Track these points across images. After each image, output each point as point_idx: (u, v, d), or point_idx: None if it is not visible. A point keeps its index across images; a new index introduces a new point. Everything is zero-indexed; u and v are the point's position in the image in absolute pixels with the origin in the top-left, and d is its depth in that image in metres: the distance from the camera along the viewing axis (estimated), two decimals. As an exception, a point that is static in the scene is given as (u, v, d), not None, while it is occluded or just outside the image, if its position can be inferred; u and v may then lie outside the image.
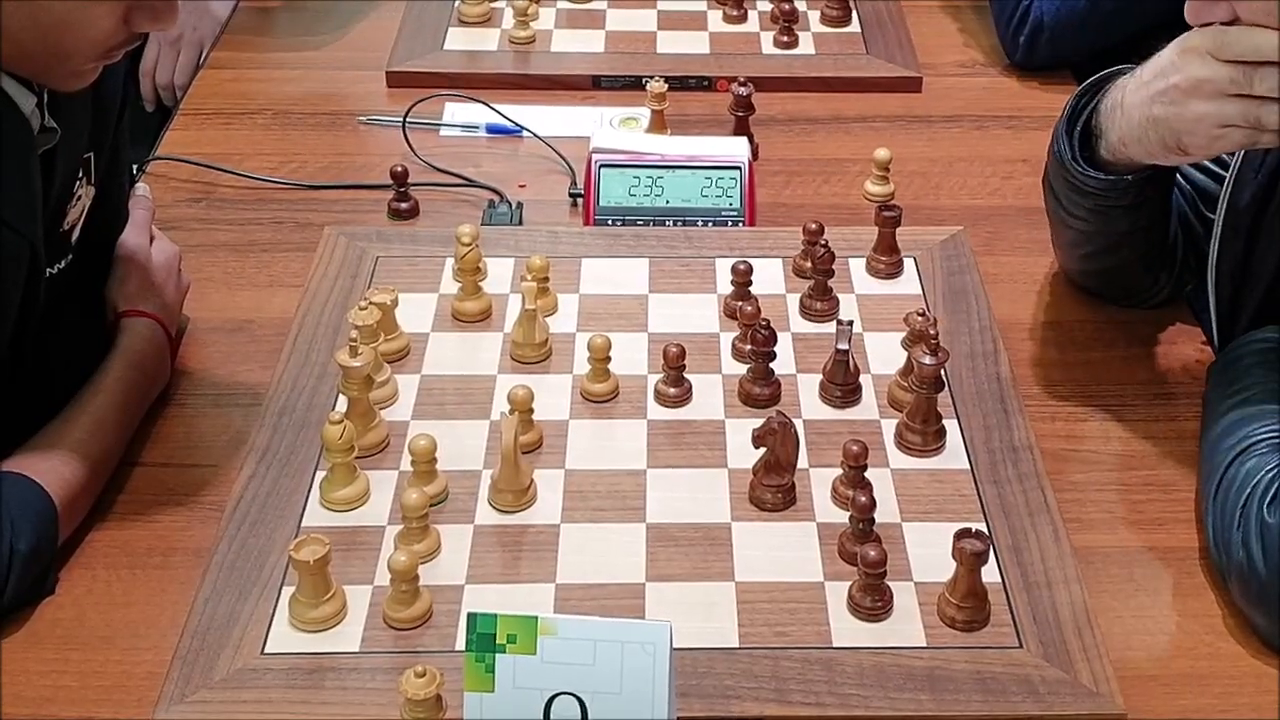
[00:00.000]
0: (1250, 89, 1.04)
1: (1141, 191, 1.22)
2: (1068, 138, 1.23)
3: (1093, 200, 1.24)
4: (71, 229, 1.20)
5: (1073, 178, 1.23)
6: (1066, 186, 1.26)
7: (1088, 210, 1.26)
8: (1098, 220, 1.27)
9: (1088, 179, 1.22)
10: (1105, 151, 1.20)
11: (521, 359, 1.29)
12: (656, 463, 1.18)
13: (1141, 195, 1.23)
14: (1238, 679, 1.04)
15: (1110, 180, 1.21)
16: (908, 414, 1.20)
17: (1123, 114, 1.15)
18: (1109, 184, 1.21)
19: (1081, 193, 1.24)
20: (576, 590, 1.07)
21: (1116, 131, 1.17)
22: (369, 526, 1.11)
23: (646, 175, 1.48)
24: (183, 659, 1.01)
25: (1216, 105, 1.06)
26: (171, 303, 1.30)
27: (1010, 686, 1.00)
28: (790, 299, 1.37)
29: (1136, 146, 1.15)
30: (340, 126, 1.70)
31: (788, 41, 1.82)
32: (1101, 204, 1.24)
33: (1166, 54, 1.10)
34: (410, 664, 0.95)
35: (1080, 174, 1.22)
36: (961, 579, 1.04)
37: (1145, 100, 1.12)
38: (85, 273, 1.26)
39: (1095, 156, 1.22)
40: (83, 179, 1.20)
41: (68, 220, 1.19)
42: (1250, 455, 1.09)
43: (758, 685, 1.00)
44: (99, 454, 1.14)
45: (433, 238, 1.45)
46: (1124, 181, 1.21)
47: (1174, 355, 1.35)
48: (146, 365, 1.23)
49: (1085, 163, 1.22)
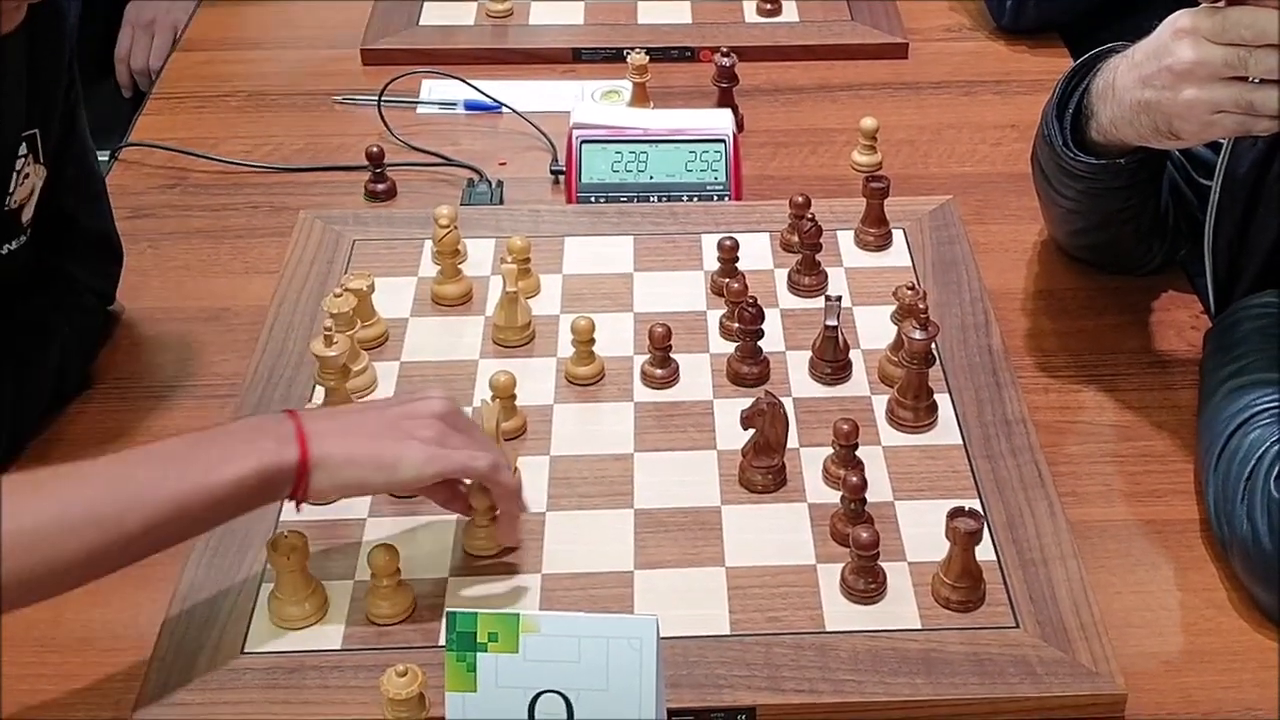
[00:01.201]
0: (1245, 71, 1.00)
1: (1135, 173, 1.19)
2: (1058, 122, 1.20)
3: (1084, 183, 1.21)
4: (20, 208, 1.18)
5: (1063, 161, 1.21)
6: (1057, 169, 1.23)
7: (1078, 192, 1.23)
8: (1089, 201, 1.24)
9: (1078, 163, 1.19)
10: (1096, 133, 1.17)
11: (504, 343, 1.26)
12: (644, 446, 1.16)
13: (1134, 177, 1.20)
14: (1240, 654, 1.02)
15: (1101, 164, 1.18)
16: (898, 390, 1.18)
17: (1114, 96, 1.12)
18: (1100, 168, 1.19)
19: (1072, 175, 1.21)
20: (564, 580, 1.04)
21: (1107, 114, 1.13)
22: (349, 519, 1.09)
23: (630, 150, 1.45)
24: (160, 660, 0.98)
25: (1209, 90, 1.02)
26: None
27: (1007, 668, 0.98)
28: (778, 274, 1.34)
29: (1128, 129, 1.12)
30: (315, 107, 1.66)
31: (771, 9, 1.79)
32: (1094, 186, 1.21)
33: (1159, 35, 1.07)
34: (394, 661, 0.93)
35: (1071, 159, 1.19)
36: (955, 559, 1.02)
37: (1137, 83, 1.08)
38: (44, 256, 1.22)
39: (1085, 138, 1.18)
40: (27, 156, 1.17)
41: (14, 198, 1.16)
42: (1253, 426, 1.07)
43: (750, 673, 0.98)
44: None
45: (410, 219, 1.42)
46: (1116, 165, 1.18)
47: (1168, 322, 1.32)
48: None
49: (1076, 146, 1.19)
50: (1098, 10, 1.74)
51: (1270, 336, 1.13)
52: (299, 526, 1.03)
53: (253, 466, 0.92)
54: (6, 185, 1.15)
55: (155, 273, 1.40)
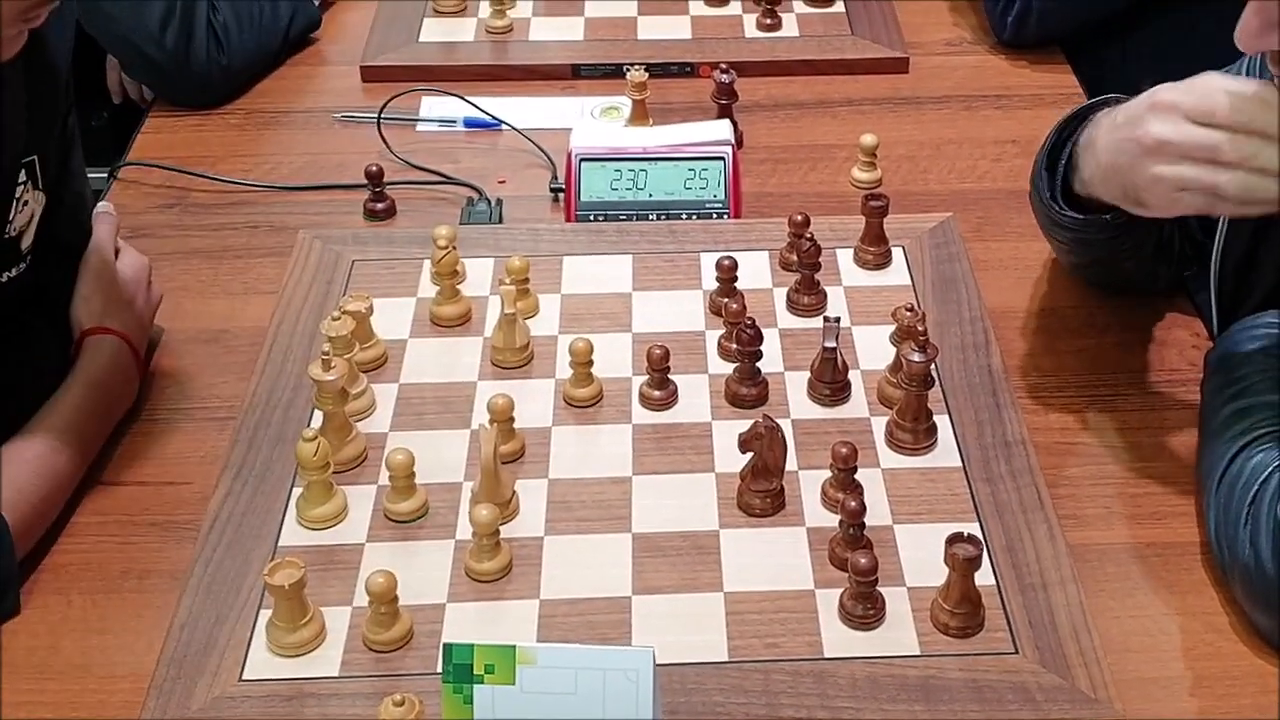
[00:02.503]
0: (1216, 155, 0.99)
1: (1119, 229, 1.18)
2: (1048, 174, 1.19)
3: (1073, 234, 1.21)
4: (20, 235, 1.18)
5: (1051, 213, 1.20)
6: (1047, 220, 1.23)
7: (1070, 238, 1.23)
8: (1082, 247, 1.25)
9: (1064, 217, 1.19)
10: (1079, 186, 1.16)
11: (502, 364, 1.26)
12: (642, 469, 1.16)
13: (1121, 229, 1.18)
14: (1239, 679, 1.02)
15: (1086, 220, 1.18)
16: (897, 412, 1.18)
17: (1093, 154, 1.11)
18: (1085, 223, 1.18)
19: (1061, 226, 1.21)
20: (561, 606, 1.04)
21: (1088, 169, 1.13)
22: (347, 545, 1.09)
23: (628, 169, 1.45)
24: (159, 688, 0.98)
25: (1174, 169, 1.02)
26: (140, 318, 1.27)
27: (1006, 694, 0.98)
28: (777, 293, 1.34)
29: (1102, 188, 1.11)
30: (315, 124, 1.66)
31: (771, 24, 1.79)
32: (1081, 237, 1.21)
33: (1139, 103, 1.06)
34: (391, 688, 0.93)
35: (1058, 212, 1.19)
36: (954, 585, 1.01)
37: (1112, 145, 1.08)
38: (45, 283, 1.23)
39: (1072, 188, 1.18)
40: (26, 183, 1.17)
41: (14, 226, 1.17)
42: (1255, 450, 1.06)
43: (748, 700, 0.98)
44: (53, 477, 1.11)
45: (410, 239, 1.42)
46: (1099, 221, 1.17)
47: (1169, 342, 1.32)
48: (109, 386, 1.20)
49: (1063, 197, 1.18)
50: (1098, 25, 1.74)
51: (1271, 358, 1.13)
52: (296, 553, 1.03)
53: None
54: (6, 212, 1.16)
55: (155, 293, 1.40)
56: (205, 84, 1.67)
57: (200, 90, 1.68)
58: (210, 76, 1.66)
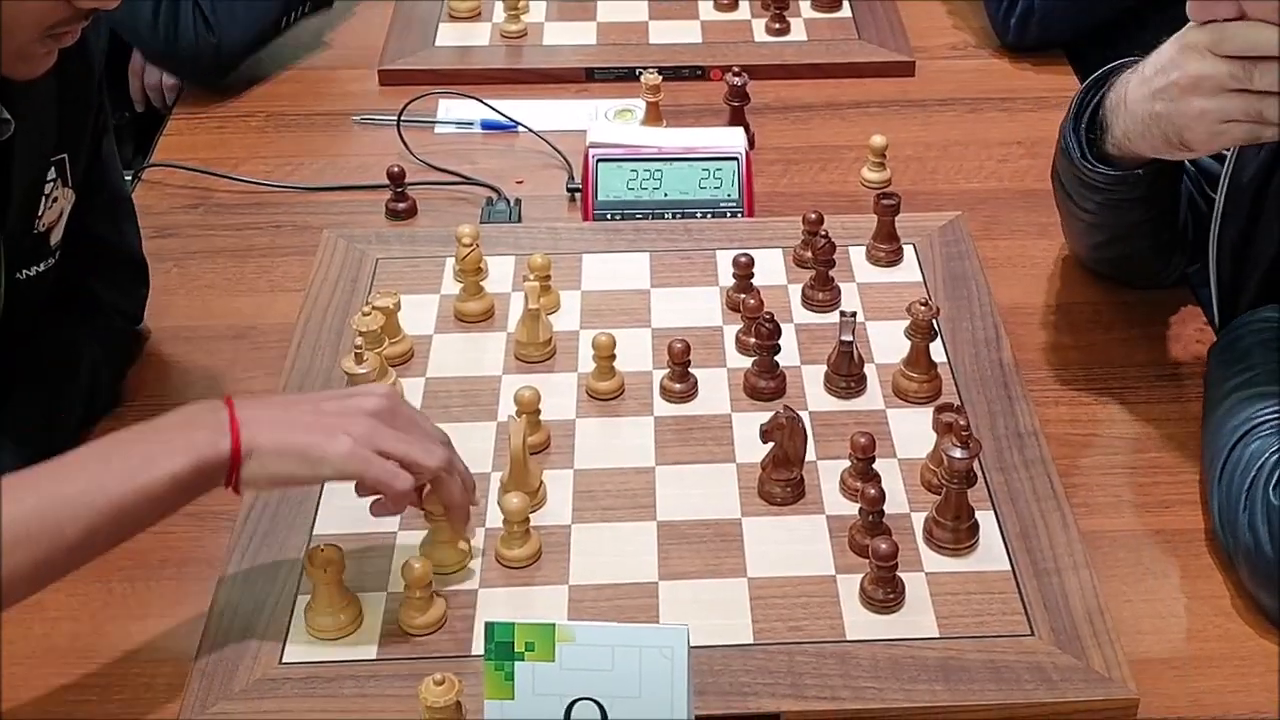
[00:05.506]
0: (1250, 84, 1.04)
1: (1152, 184, 1.22)
2: (1075, 135, 1.23)
3: (1103, 195, 1.24)
4: (49, 231, 1.20)
5: (1082, 174, 1.24)
6: (1076, 182, 1.26)
7: (1098, 204, 1.26)
8: (1108, 213, 1.27)
9: (1096, 174, 1.22)
10: (1111, 146, 1.20)
11: (526, 358, 1.29)
12: (665, 459, 1.19)
13: (1152, 188, 1.23)
14: (1248, 659, 1.05)
15: (1119, 175, 1.21)
16: (937, 509, 1.10)
17: (1126, 110, 1.15)
18: (1118, 178, 1.21)
19: (1091, 188, 1.24)
20: (590, 591, 1.07)
21: (1120, 127, 1.17)
22: (381, 532, 1.12)
23: (644, 168, 1.48)
24: (202, 671, 1.01)
25: (1217, 101, 1.05)
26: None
27: (1023, 675, 1.01)
28: (792, 289, 1.38)
29: (1140, 141, 1.15)
30: (335, 127, 1.69)
31: (779, 29, 1.82)
32: (1112, 198, 1.24)
33: (1166, 50, 1.10)
34: (427, 670, 0.96)
35: (1090, 170, 1.22)
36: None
37: (1147, 96, 1.11)
38: (74, 279, 1.25)
39: (1102, 152, 1.22)
40: (56, 180, 1.19)
41: (43, 222, 1.19)
42: (1254, 437, 1.10)
43: (773, 681, 1.01)
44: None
45: (432, 237, 1.45)
46: (1133, 176, 1.21)
47: (1175, 336, 1.35)
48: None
49: (1094, 158, 1.22)
50: (1099, 29, 1.77)
51: (1272, 350, 1.16)
52: (333, 539, 1.06)
53: (188, 462, 0.93)
54: (36, 208, 1.18)
55: (181, 292, 1.43)
56: (196, 64, 1.72)
57: (193, 71, 1.74)
58: (200, 56, 1.70)
